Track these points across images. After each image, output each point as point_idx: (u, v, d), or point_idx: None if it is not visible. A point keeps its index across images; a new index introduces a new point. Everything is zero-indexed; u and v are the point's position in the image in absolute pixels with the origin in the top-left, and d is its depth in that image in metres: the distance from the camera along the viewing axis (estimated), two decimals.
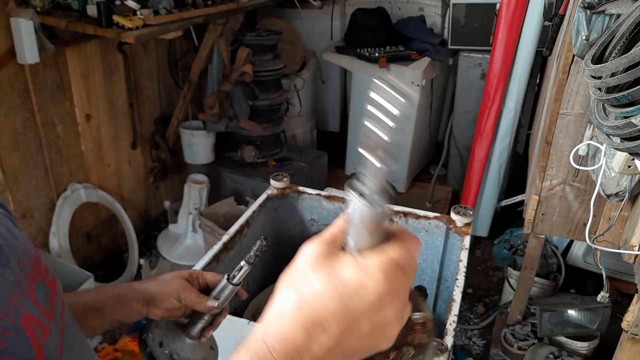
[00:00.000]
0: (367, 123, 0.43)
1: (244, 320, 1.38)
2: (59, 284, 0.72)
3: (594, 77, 1.12)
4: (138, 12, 2.48)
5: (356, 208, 0.47)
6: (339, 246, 0.49)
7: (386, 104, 0.42)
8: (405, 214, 1.84)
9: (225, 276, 0.89)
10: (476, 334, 2.75)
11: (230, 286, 0.88)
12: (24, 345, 0.56)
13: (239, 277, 0.88)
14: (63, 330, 0.64)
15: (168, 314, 0.89)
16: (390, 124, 0.43)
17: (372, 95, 0.42)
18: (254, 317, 1.66)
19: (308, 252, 0.49)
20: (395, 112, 0.43)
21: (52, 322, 0.62)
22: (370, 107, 0.42)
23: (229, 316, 0.96)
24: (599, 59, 1.16)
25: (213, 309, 0.88)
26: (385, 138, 0.44)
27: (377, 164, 0.45)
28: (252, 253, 0.85)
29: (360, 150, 0.44)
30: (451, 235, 1.82)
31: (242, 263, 0.86)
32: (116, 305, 0.86)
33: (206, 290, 0.92)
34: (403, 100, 0.43)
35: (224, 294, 0.89)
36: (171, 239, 3.31)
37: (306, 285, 0.47)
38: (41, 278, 0.65)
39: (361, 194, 0.46)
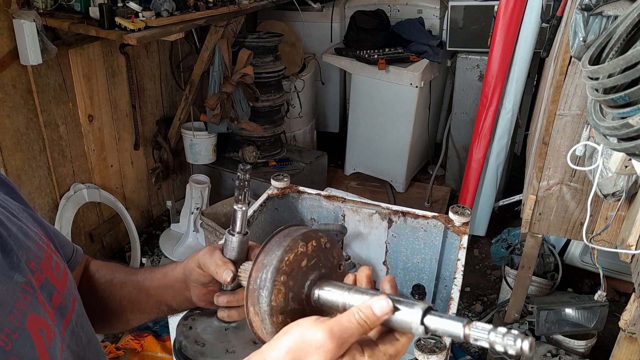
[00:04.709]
0: None
1: None
2: (71, 280, 0.72)
3: (591, 78, 1.12)
4: (140, 14, 2.50)
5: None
6: None
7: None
8: (404, 214, 1.86)
9: (226, 232, 0.75)
10: None
11: (236, 238, 0.75)
12: (29, 347, 0.57)
13: (239, 224, 0.74)
14: (64, 331, 0.66)
15: (206, 292, 0.79)
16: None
17: None
18: None
19: None
20: None
21: (55, 324, 0.64)
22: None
23: None
24: (596, 60, 1.16)
25: (228, 281, 0.73)
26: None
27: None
28: (235, 193, 0.72)
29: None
30: (449, 235, 1.83)
31: (235, 207, 0.74)
32: (162, 284, 0.82)
33: None
34: None
35: (236, 251, 0.75)
36: (173, 238, 3.33)
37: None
38: (48, 277, 0.66)
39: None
